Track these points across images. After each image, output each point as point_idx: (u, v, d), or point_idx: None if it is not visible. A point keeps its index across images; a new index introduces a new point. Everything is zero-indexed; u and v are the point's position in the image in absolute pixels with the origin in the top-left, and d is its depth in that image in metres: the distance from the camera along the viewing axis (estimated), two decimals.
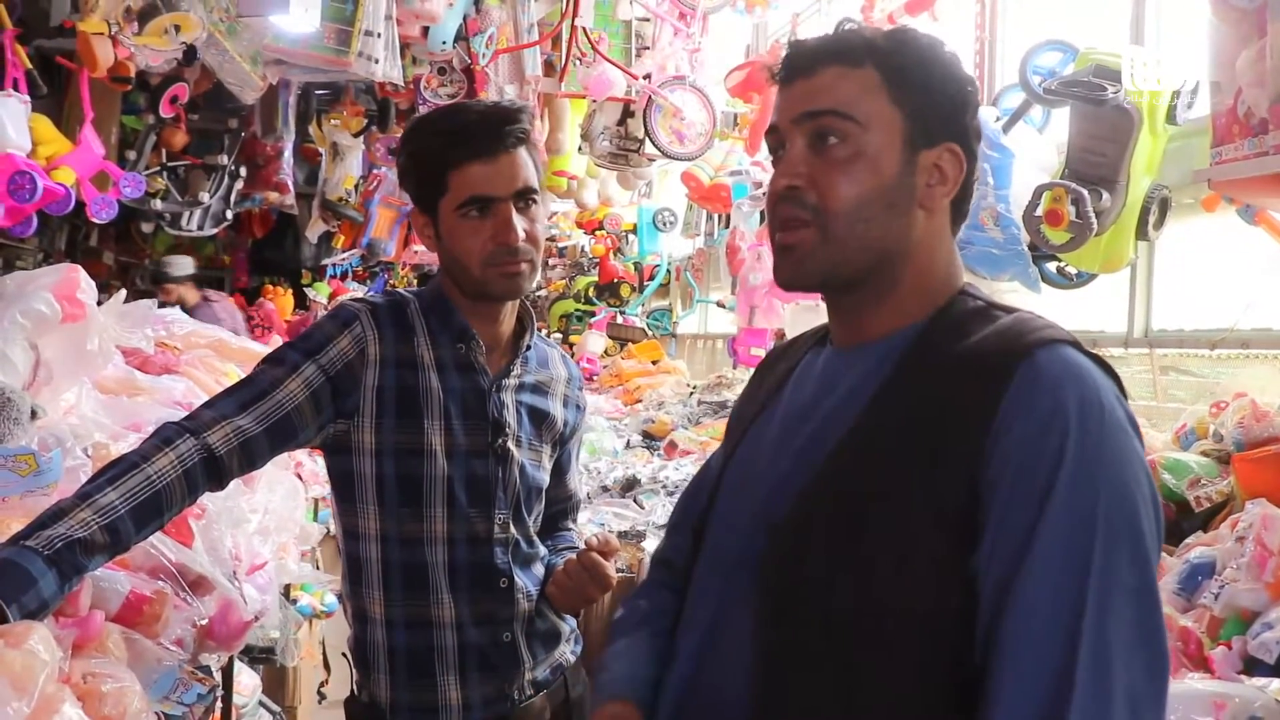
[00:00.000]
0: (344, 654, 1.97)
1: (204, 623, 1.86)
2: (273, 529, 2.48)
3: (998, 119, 3.27)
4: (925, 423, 1.11)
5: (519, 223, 1.81)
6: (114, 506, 1.50)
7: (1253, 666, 1.85)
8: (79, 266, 2.24)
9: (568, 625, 2.01)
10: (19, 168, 3.02)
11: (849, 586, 1.10)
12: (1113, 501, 1.03)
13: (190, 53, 3.52)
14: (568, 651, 2.00)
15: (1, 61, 4.86)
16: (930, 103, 1.20)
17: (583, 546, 1.90)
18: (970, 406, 1.08)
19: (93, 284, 2.24)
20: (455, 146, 1.81)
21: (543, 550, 1.98)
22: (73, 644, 1.45)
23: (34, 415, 1.95)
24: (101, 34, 3.26)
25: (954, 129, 1.21)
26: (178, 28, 3.31)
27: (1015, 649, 1.02)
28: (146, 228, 7.58)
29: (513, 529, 1.88)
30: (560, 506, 2.11)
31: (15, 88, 3.18)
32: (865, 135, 1.18)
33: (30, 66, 3.22)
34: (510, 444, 1.88)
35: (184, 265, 6.87)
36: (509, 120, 1.83)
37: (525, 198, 1.83)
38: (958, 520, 1.06)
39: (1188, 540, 2.27)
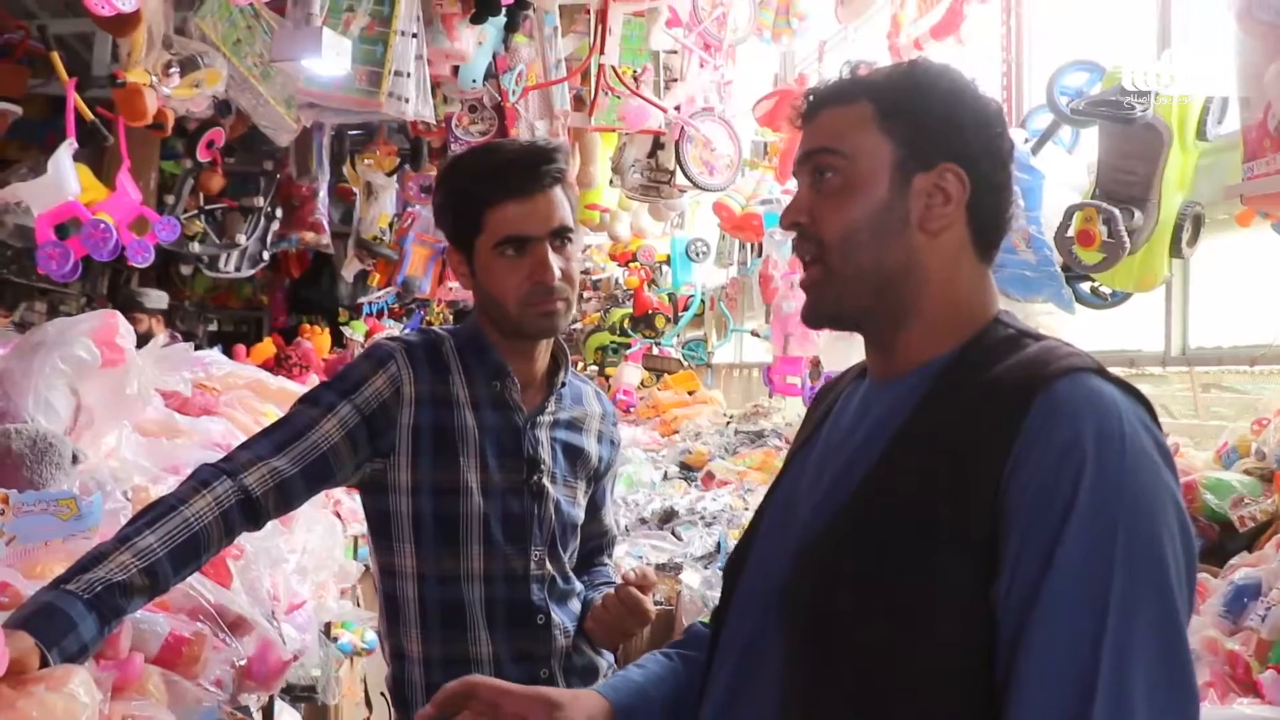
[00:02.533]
0: (381, 693, 1.98)
1: (243, 663, 1.88)
2: (311, 568, 2.49)
3: (1026, 140, 3.25)
4: (949, 454, 1.10)
5: (555, 261, 1.82)
6: (153, 549, 1.52)
7: None
8: (117, 312, 2.28)
9: (605, 661, 2.01)
10: (88, 217, 3.09)
11: (879, 620, 1.09)
12: (1133, 533, 1.00)
13: (224, 107, 3.60)
14: None
15: (61, 113, 4.99)
16: (924, 127, 1.21)
17: (620, 581, 1.90)
18: (990, 437, 1.07)
19: (131, 329, 2.28)
20: (491, 186, 1.83)
21: (579, 586, 1.98)
22: (113, 686, 1.46)
23: (75, 460, 1.99)
24: (147, 85, 3.34)
25: (954, 150, 1.20)
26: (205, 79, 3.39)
27: (1030, 687, 1.00)
28: (186, 270, 7.69)
29: (549, 565, 1.89)
30: (596, 542, 2.11)
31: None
32: (853, 166, 1.21)
33: (93, 117, 3.29)
34: (546, 481, 1.89)
35: (159, 299, 6.88)
36: (545, 160, 1.84)
37: (561, 236, 1.84)
38: (982, 552, 1.05)
39: (1232, 561, 2.22)
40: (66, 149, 3.04)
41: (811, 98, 1.28)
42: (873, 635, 1.09)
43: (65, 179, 2.98)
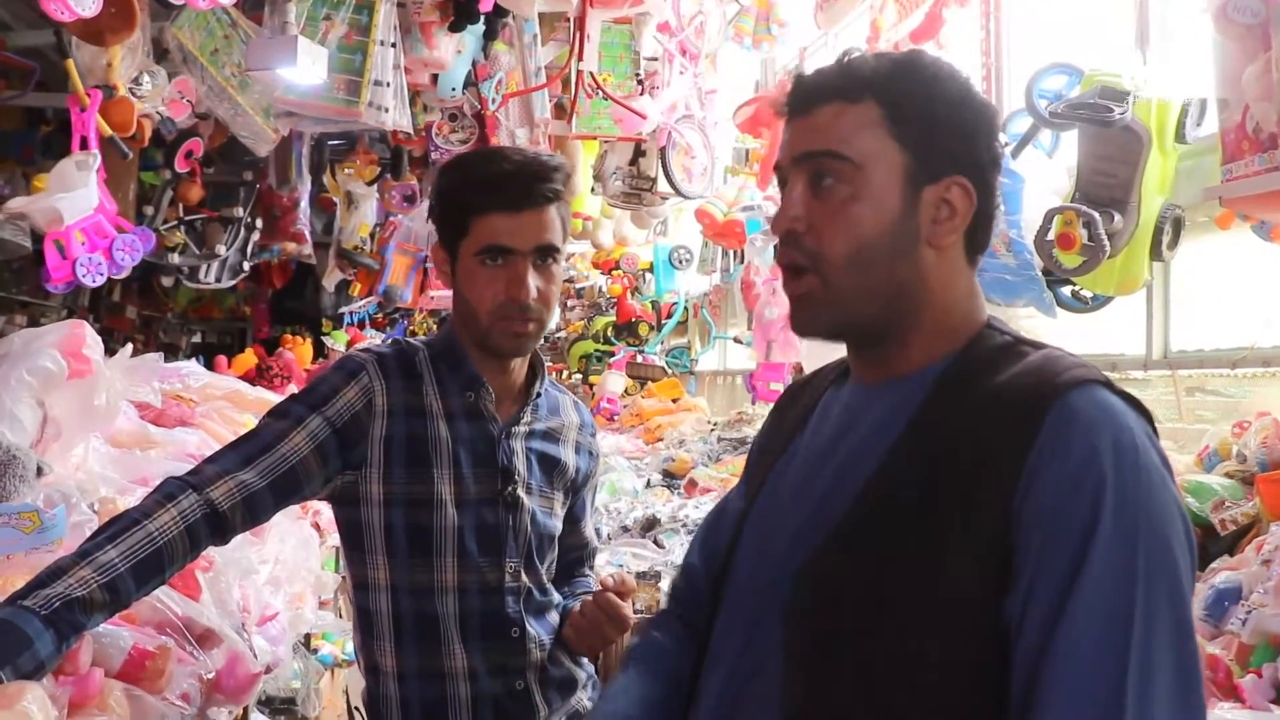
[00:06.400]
0: (356, 708, 1.95)
1: (211, 676, 1.85)
2: (284, 579, 2.46)
3: (1006, 144, 3.24)
4: (955, 465, 1.07)
5: (533, 280, 1.80)
6: (114, 564, 1.49)
7: None
8: (84, 322, 2.25)
9: (584, 672, 1.98)
10: (114, 233, 3.10)
11: (885, 637, 1.06)
12: (1151, 549, 1.00)
13: (168, 123, 3.62)
14: (585, 699, 1.97)
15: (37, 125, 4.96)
16: (934, 135, 1.15)
17: (599, 588, 1.88)
18: (1002, 448, 1.05)
19: (98, 340, 2.25)
20: (483, 193, 1.81)
21: (556, 598, 1.96)
22: (72, 702, 1.44)
23: (40, 472, 1.95)
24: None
25: (963, 161, 1.16)
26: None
27: (1058, 703, 0.98)
28: (167, 281, 7.65)
29: (524, 577, 1.86)
30: (576, 554, 2.09)
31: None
32: (862, 175, 1.15)
33: (112, 133, 3.27)
34: (520, 491, 1.87)
35: None
36: (542, 178, 1.81)
37: (545, 255, 1.82)
38: (992, 565, 1.03)
39: (1213, 565, 2.21)
40: (95, 162, 3.04)
41: (805, 86, 1.20)
42: (879, 651, 1.07)
43: (93, 192, 3.00)
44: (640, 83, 4.68)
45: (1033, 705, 0.99)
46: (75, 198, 2.93)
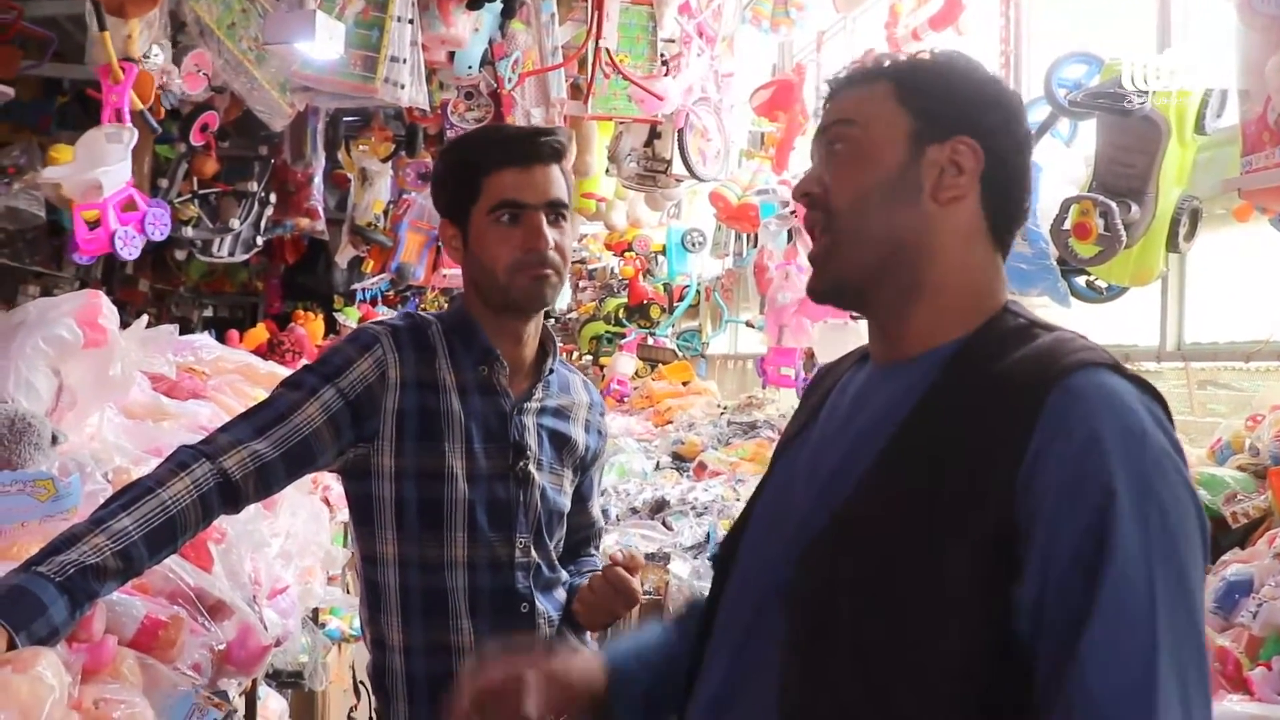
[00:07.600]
0: (361, 682, 1.96)
1: (222, 647, 1.86)
2: (295, 553, 2.47)
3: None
4: (957, 449, 1.07)
5: (549, 233, 1.82)
6: (127, 532, 1.50)
7: None
8: (100, 292, 2.26)
9: (590, 651, 1.99)
10: (144, 206, 3.13)
11: (880, 620, 1.06)
12: (1165, 536, 0.99)
13: (172, 96, 3.64)
14: None
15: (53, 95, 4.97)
16: (942, 100, 1.20)
17: (607, 564, 1.89)
18: (1002, 433, 1.04)
19: (114, 310, 2.25)
20: (491, 155, 1.84)
21: (564, 576, 1.97)
22: (85, 669, 1.45)
23: (55, 440, 1.96)
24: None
25: (970, 124, 1.19)
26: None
27: (1092, 698, 0.97)
28: (180, 255, 7.65)
29: (534, 553, 1.87)
30: (583, 534, 2.10)
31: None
32: (865, 134, 1.21)
33: (143, 108, 3.28)
34: (531, 467, 1.87)
35: None
36: (546, 134, 1.87)
37: (556, 210, 1.85)
38: (993, 553, 1.02)
39: (1224, 557, 2.20)
40: (130, 136, 3.06)
41: (833, 83, 1.29)
42: (874, 636, 1.06)
43: (127, 165, 3.03)
44: (665, 64, 4.66)
45: (1066, 684, 0.98)
46: (114, 171, 2.96)
